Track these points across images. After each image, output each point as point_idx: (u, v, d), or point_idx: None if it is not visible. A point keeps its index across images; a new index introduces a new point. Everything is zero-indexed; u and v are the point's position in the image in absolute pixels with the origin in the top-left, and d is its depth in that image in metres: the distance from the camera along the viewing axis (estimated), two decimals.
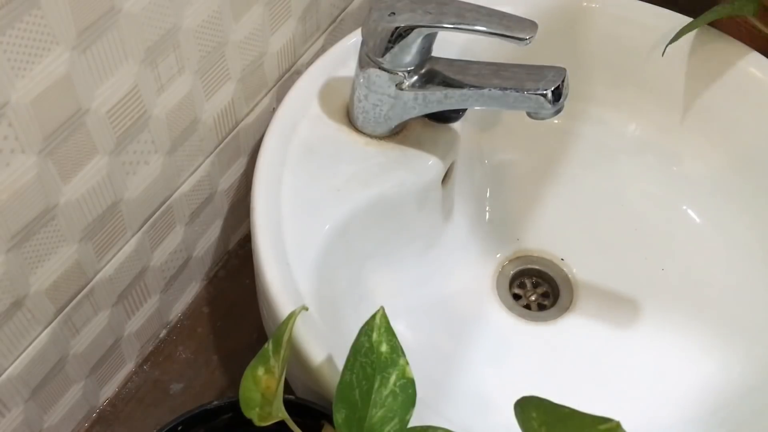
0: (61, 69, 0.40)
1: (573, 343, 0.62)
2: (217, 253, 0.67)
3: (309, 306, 0.48)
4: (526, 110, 0.53)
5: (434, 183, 0.60)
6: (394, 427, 0.41)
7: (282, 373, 0.42)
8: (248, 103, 0.60)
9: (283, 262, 0.51)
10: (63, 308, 0.50)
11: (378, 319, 0.43)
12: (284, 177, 0.55)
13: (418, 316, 0.60)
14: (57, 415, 0.55)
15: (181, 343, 0.64)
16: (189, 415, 0.46)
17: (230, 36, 0.53)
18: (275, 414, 0.42)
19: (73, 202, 0.46)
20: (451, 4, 0.50)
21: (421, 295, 0.62)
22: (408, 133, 0.59)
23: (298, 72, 0.64)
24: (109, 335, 0.57)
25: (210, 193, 0.61)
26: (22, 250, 0.44)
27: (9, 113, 0.38)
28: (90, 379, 0.57)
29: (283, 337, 0.43)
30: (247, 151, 0.63)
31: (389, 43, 0.52)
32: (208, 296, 0.67)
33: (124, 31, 0.43)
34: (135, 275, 0.56)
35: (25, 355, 0.48)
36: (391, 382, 0.42)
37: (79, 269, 0.49)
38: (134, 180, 0.51)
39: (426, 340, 0.60)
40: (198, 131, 0.55)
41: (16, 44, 0.37)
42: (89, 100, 0.43)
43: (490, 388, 0.59)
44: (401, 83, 0.54)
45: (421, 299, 0.62)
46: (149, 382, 0.62)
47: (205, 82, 0.53)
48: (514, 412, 0.38)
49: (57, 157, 0.43)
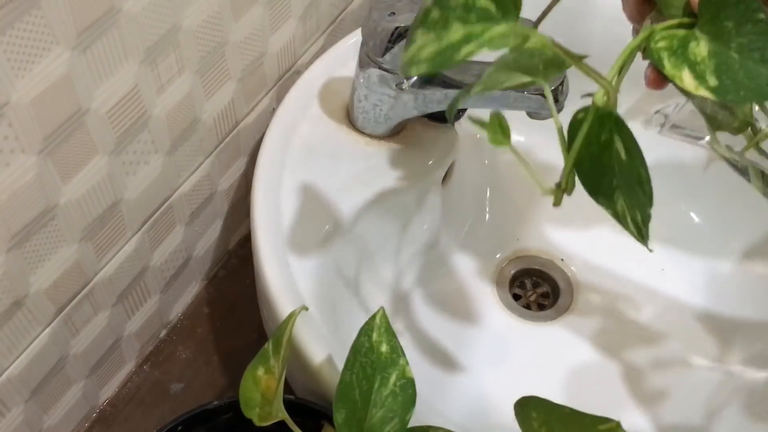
0: (61, 69, 0.40)
1: (573, 343, 0.62)
2: (217, 253, 0.67)
3: (309, 306, 0.48)
4: (527, 110, 0.53)
5: (434, 183, 0.60)
6: (394, 427, 0.41)
7: (282, 373, 0.42)
8: (248, 103, 0.60)
9: (283, 262, 0.51)
10: (63, 308, 0.50)
11: (378, 319, 0.43)
12: (284, 177, 0.55)
13: (418, 316, 0.61)
14: (57, 416, 0.55)
15: (181, 343, 0.64)
16: (189, 415, 0.46)
17: (230, 36, 0.53)
18: (275, 414, 0.42)
19: (73, 202, 0.46)
20: None
21: (421, 295, 0.62)
22: (408, 133, 0.59)
23: (298, 72, 0.64)
24: (109, 335, 0.57)
25: (210, 193, 0.61)
26: (22, 250, 0.44)
27: (9, 113, 0.38)
28: (90, 380, 0.57)
29: (283, 337, 0.43)
30: (247, 151, 0.63)
31: (389, 43, 0.52)
32: (208, 296, 0.67)
33: (124, 31, 0.43)
34: (135, 275, 0.56)
35: (25, 355, 0.48)
36: (391, 382, 0.42)
37: (79, 269, 0.49)
38: (134, 180, 0.51)
39: (426, 340, 0.60)
40: (198, 131, 0.55)
41: (16, 44, 0.37)
42: (89, 100, 0.43)
43: (489, 388, 0.59)
44: (401, 83, 0.54)
45: (421, 299, 0.62)
46: (149, 382, 0.62)
47: (205, 82, 0.53)
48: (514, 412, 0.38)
49: (57, 157, 0.43)
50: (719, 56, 0.36)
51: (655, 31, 0.38)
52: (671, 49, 0.37)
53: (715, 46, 0.37)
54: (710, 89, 0.36)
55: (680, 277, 0.64)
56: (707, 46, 0.37)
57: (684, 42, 0.37)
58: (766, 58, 0.35)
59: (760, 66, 0.35)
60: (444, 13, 0.34)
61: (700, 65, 0.36)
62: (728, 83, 0.36)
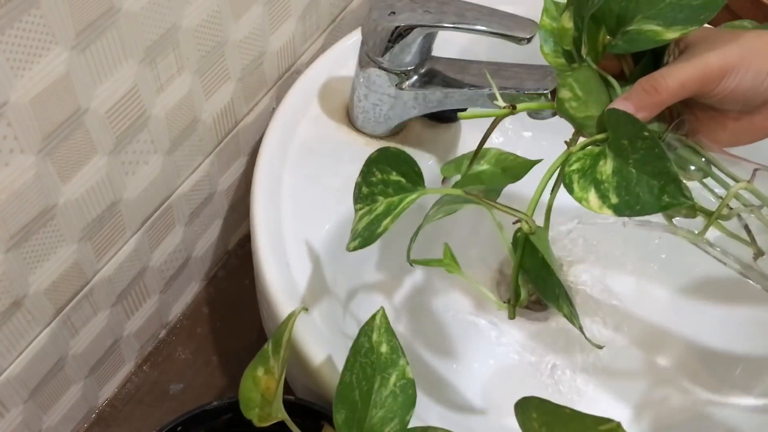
0: (60, 69, 0.40)
1: (573, 343, 0.62)
2: (216, 253, 0.67)
3: (309, 306, 0.48)
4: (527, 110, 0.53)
5: (434, 183, 0.60)
6: (394, 428, 0.41)
7: (282, 374, 0.42)
8: (248, 102, 0.60)
9: (283, 262, 0.51)
10: (62, 308, 0.50)
11: (378, 319, 0.43)
12: (284, 177, 0.55)
13: (418, 317, 0.60)
14: (56, 416, 0.55)
15: (181, 344, 0.64)
16: (189, 416, 0.46)
17: (230, 35, 0.53)
18: (275, 414, 0.42)
19: (72, 202, 0.46)
20: (451, 4, 0.50)
21: (421, 294, 0.62)
22: (408, 133, 0.59)
23: (298, 72, 0.64)
24: (109, 335, 0.56)
25: (209, 193, 0.61)
26: (22, 250, 0.44)
27: (8, 113, 0.38)
28: (89, 380, 0.57)
29: (282, 337, 0.43)
30: (247, 151, 0.63)
31: (389, 43, 0.51)
32: (208, 296, 0.67)
33: (123, 31, 0.43)
34: (134, 275, 0.56)
35: (24, 355, 0.48)
36: (391, 382, 0.42)
37: (79, 269, 0.49)
38: (133, 180, 0.50)
39: (426, 340, 0.60)
40: (197, 131, 0.55)
41: (15, 44, 0.37)
42: (88, 99, 0.43)
43: (490, 388, 0.59)
44: (401, 83, 0.54)
45: (421, 299, 0.61)
46: (149, 382, 0.62)
47: (205, 81, 0.53)
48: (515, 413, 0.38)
49: (56, 157, 0.43)
50: (620, 173, 0.39)
51: (571, 153, 0.42)
52: (582, 170, 0.40)
53: (618, 163, 0.39)
54: (612, 207, 0.38)
55: (680, 277, 0.63)
56: (612, 164, 0.39)
57: (595, 161, 0.40)
58: (657, 172, 0.37)
59: (653, 179, 0.37)
60: (371, 189, 0.44)
61: (604, 184, 0.39)
62: (627, 199, 0.38)
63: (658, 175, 0.37)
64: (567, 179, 0.40)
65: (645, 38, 0.42)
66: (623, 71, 0.46)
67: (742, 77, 0.41)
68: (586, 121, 0.43)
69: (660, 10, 0.42)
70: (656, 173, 0.37)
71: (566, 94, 0.43)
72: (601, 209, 0.39)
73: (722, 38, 0.42)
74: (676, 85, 0.42)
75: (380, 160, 0.45)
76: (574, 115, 0.43)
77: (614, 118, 0.40)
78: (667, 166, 0.37)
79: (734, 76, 0.41)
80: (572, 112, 0.43)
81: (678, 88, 0.42)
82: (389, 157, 0.45)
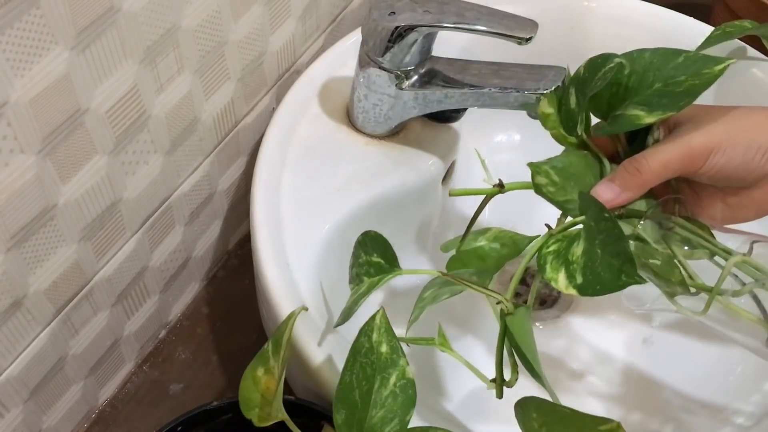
0: (60, 69, 0.40)
1: (573, 342, 0.62)
2: (216, 253, 0.67)
3: (309, 306, 0.48)
4: (527, 110, 0.53)
5: (434, 183, 0.60)
6: (394, 428, 0.41)
7: (282, 374, 0.42)
8: (248, 102, 0.60)
9: (283, 262, 0.51)
10: (62, 308, 0.50)
11: (378, 319, 0.43)
12: (284, 177, 0.55)
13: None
14: (56, 416, 0.55)
15: (181, 344, 0.64)
16: (189, 416, 0.46)
17: (230, 35, 0.53)
18: (275, 414, 0.42)
19: (72, 202, 0.46)
20: (451, 4, 0.50)
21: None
22: (408, 132, 0.59)
23: (297, 72, 0.64)
24: (109, 335, 0.56)
25: (209, 193, 0.61)
26: (21, 250, 0.44)
27: (8, 113, 0.38)
28: (89, 380, 0.57)
29: (282, 337, 0.43)
30: (247, 151, 0.63)
31: (389, 43, 0.51)
32: (208, 296, 0.67)
33: (123, 31, 0.43)
34: (134, 275, 0.56)
35: (24, 355, 0.48)
36: (391, 382, 0.42)
37: (78, 269, 0.49)
38: (133, 180, 0.50)
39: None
40: (197, 131, 0.55)
41: (15, 44, 0.37)
42: (88, 99, 0.43)
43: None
44: (401, 83, 0.54)
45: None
46: (149, 382, 0.62)
47: (205, 81, 0.53)
48: (515, 413, 0.38)
49: (56, 157, 0.43)
50: (588, 254, 0.40)
51: (552, 235, 0.44)
52: (557, 252, 0.42)
53: (587, 244, 0.41)
54: (576, 287, 0.40)
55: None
56: (582, 245, 0.41)
57: (570, 243, 0.42)
58: (617, 252, 0.38)
59: (613, 259, 0.38)
60: (358, 270, 0.48)
61: (573, 265, 0.41)
62: (590, 279, 0.39)
63: (617, 255, 0.38)
64: (542, 260, 0.42)
65: (627, 121, 0.45)
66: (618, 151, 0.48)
67: (730, 155, 0.42)
68: (567, 204, 0.44)
69: (646, 97, 0.45)
70: (615, 253, 0.38)
71: (542, 180, 0.45)
72: (567, 289, 0.40)
73: (709, 116, 0.43)
74: (658, 165, 0.42)
75: (365, 242, 0.49)
76: (553, 198, 0.45)
77: (584, 201, 0.42)
78: (624, 246, 0.38)
79: (720, 155, 0.42)
80: (551, 196, 0.45)
81: (661, 169, 0.42)
82: (371, 240, 0.49)
